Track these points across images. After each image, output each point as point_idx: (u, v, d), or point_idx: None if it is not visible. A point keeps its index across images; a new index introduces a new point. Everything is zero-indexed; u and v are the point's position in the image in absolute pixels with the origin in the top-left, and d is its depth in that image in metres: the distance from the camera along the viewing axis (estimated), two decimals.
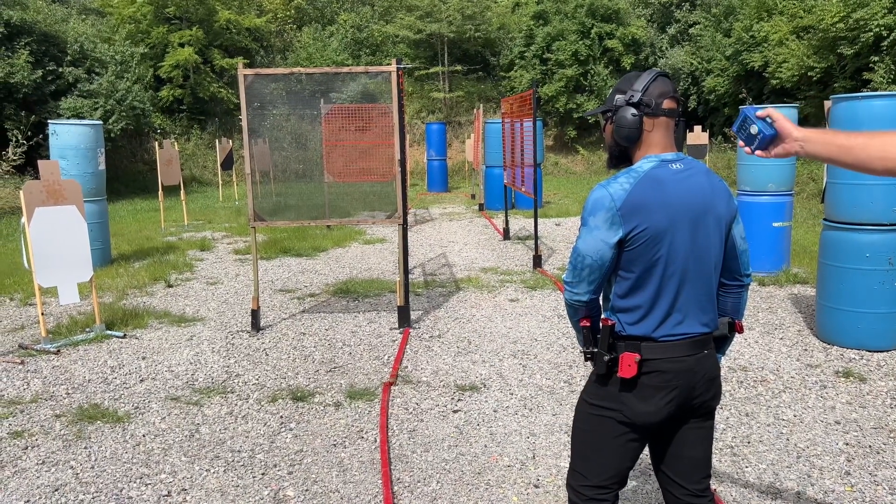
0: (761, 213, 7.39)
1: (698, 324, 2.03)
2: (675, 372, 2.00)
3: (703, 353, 2.04)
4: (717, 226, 2.02)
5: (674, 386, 2.00)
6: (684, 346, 2.01)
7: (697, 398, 2.05)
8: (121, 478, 3.41)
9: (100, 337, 5.65)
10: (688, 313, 2.01)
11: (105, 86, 17.47)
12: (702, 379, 2.04)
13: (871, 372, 4.63)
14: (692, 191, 1.98)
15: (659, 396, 2.00)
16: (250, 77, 5.71)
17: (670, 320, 2.00)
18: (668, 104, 1.99)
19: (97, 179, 8.34)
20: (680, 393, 2.01)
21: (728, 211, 2.05)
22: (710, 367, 2.06)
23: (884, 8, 13.28)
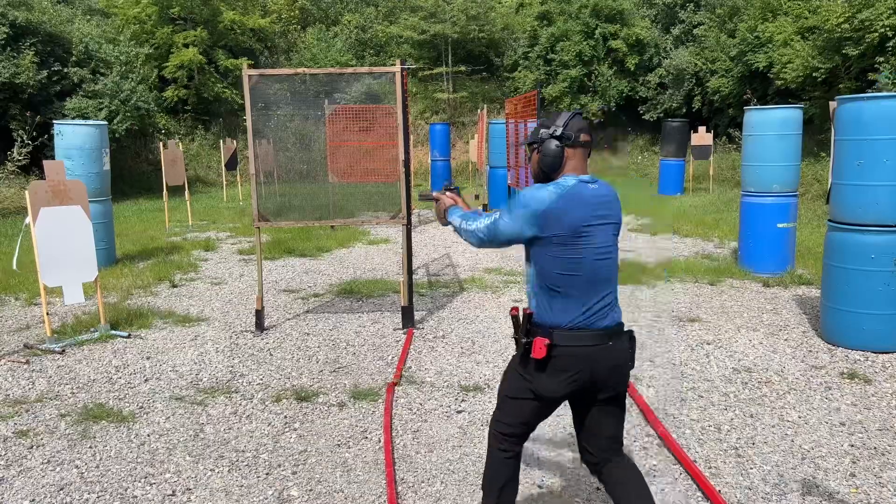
0: (766, 214, 7.39)
1: (604, 318, 2.39)
2: (578, 357, 2.35)
3: (607, 344, 2.38)
4: (616, 234, 2.47)
5: (577, 369, 2.36)
6: (589, 337, 2.36)
7: (600, 382, 2.41)
8: (125, 477, 3.42)
9: (104, 337, 5.66)
10: (596, 308, 2.38)
11: (110, 86, 17.51)
12: (604, 367, 2.38)
13: (876, 373, 4.62)
14: (602, 205, 2.40)
15: (564, 376, 2.37)
16: (255, 77, 5.72)
17: (580, 313, 2.36)
18: (584, 137, 2.45)
19: (102, 180, 8.36)
20: (581, 376, 2.37)
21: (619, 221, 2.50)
22: (615, 357, 2.39)
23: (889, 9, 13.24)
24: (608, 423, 2.53)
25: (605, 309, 2.40)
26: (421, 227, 11.98)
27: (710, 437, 3.74)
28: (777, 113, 7.46)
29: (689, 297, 6.69)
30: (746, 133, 7.60)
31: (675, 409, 4.12)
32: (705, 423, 3.92)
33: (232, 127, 22.84)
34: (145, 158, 20.49)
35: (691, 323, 5.85)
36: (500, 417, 2.60)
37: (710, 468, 3.39)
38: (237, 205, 15.72)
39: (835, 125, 5.25)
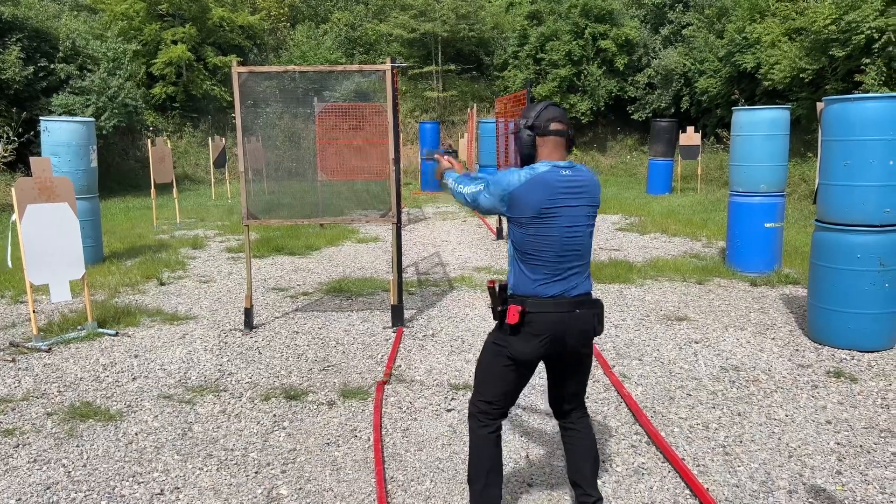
0: (753, 213, 7.43)
1: (573, 289, 2.66)
2: (548, 323, 2.60)
3: (574, 312, 2.64)
4: (587, 214, 2.69)
5: (547, 333, 2.61)
6: (558, 305, 2.62)
7: (569, 346, 2.67)
8: (113, 476, 3.39)
9: (92, 335, 5.62)
10: (563, 279, 2.64)
11: (97, 83, 17.36)
12: (572, 332, 2.64)
13: (861, 372, 4.66)
14: (570, 189, 2.63)
15: (535, 341, 2.61)
16: (244, 75, 5.69)
17: (550, 283, 2.62)
18: (555, 126, 2.67)
19: (89, 177, 8.30)
20: (551, 340, 2.62)
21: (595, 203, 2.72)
22: (581, 323, 2.66)
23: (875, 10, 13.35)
24: (572, 382, 2.83)
25: (572, 280, 2.67)
26: (411, 226, 11.98)
27: (698, 435, 3.76)
28: (765, 113, 7.51)
29: (677, 297, 6.73)
30: (734, 133, 7.65)
31: (664, 407, 4.14)
32: (693, 421, 3.94)
33: (221, 124, 22.73)
34: (133, 156, 20.35)
35: (679, 322, 5.88)
36: (480, 395, 2.79)
37: (698, 466, 3.41)
38: (225, 202, 15.65)
39: (822, 126, 5.29)
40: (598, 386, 4.46)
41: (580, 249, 2.69)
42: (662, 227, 10.94)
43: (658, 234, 10.50)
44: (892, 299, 5.02)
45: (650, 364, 4.87)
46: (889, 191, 4.88)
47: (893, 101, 4.92)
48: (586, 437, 2.86)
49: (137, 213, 13.97)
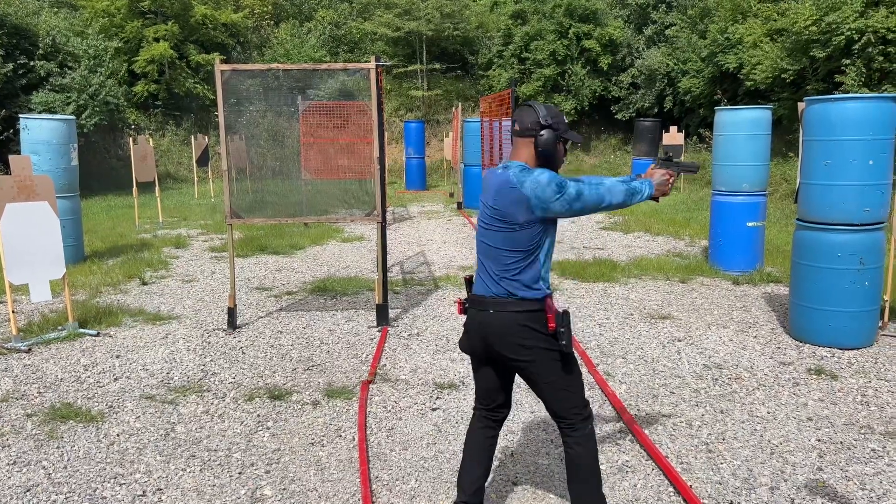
0: (736, 212, 7.49)
1: (483, 287, 2.65)
2: (470, 319, 2.71)
3: (488, 311, 2.61)
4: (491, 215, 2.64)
5: (469, 328, 2.70)
6: (477, 302, 2.67)
7: (494, 346, 2.63)
8: (94, 478, 3.36)
9: (72, 335, 5.56)
10: (485, 278, 2.66)
11: (78, 80, 17.17)
12: (492, 332, 2.61)
13: (842, 369, 4.72)
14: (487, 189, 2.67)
15: (465, 335, 2.74)
16: (227, 73, 5.65)
17: (479, 281, 2.69)
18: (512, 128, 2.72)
19: (70, 175, 8.21)
20: (473, 336, 2.68)
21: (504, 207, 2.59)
22: (499, 325, 2.58)
23: (855, 12, 13.50)
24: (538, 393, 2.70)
25: (489, 280, 2.64)
26: (395, 225, 11.96)
27: (681, 432, 3.79)
28: (747, 113, 7.57)
29: (660, 295, 6.77)
30: (717, 133, 7.71)
31: (648, 405, 4.16)
32: (677, 419, 3.96)
33: (203, 123, 22.55)
34: (115, 154, 20.15)
35: (663, 320, 5.92)
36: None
37: (681, 464, 3.44)
38: (209, 201, 15.54)
39: (803, 126, 5.34)
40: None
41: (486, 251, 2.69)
42: (646, 226, 11.00)
43: (642, 233, 10.56)
44: (871, 297, 5.08)
45: (634, 362, 4.89)
46: (869, 190, 4.94)
47: (873, 102, 4.98)
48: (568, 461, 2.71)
49: (119, 212, 13.83)
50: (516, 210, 2.56)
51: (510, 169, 2.62)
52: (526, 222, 2.56)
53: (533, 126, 2.61)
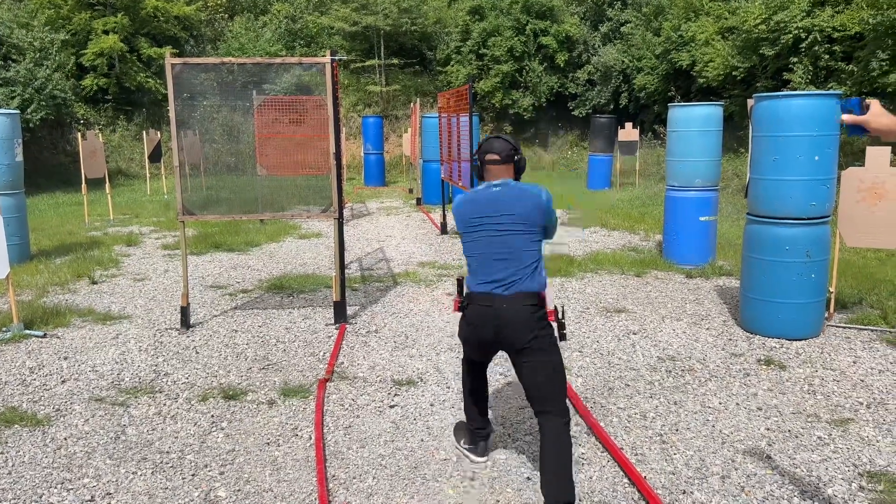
0: (688, 207, 7.63)
1: (506, 290, 2.98)
2: (477, 314, 3.06)
3: (502, 307, 2.97)
4: (511, 223, 3.03)
5: (476, 322, 3.07)
6: (486, 300, 3.01)
7: (501, 337, 3.00)
8: (40, 483, 3.26)
9: (17, 337, 5.38)
10: (494, 280, 3.01)
11: (23, 73, 16.61)
12: (502, 325, 2.98)
13: (790, 359, 4.85)
14: (492, 203, 3.09)
15: (468, 327, 3.13)
16: (178, 67, 5.53)
17: (482, 283, 3.04)
18: (488, 158, 3.19)
19: (14, 171, 7.94)
20: (479, 328, 3.07)
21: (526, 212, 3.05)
22: (509, 318, 2.96)
23: (802, 11, 13.87)
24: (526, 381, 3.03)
25: (502, 281, 3.00)
26: (354, 221, 11.88)
27: (636, 424, 3.84)
28: (699, 110, 7.71)
29: (616, 289, 6.86)
30: (670, 129, 7.83)
31: (603, 398, 4.21)
32: (632, 410, 4.02)
33: (156, 118, 22.04)
34: (62, 150, 19.56)
35: (618, 314, 6.00)
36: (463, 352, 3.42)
37: (636, 455, 3.49)
38: (161, 198, 15.21)
39: (752, 122, 5.46)
40: None
41: (506, 255, 3.03)
42: (602, 221, 11.13)
43: (598, 228, 10.69)
44: (818, 289, 5.23)
45: (590, 356, 4.95)
46: (815, 185, 5.08)
47: (818, 99, 5.12)
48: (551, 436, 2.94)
49: (68, 209, 13.45)
50: (537, 215, 3.06)
51: (513, 185, 3.15)
52: (542, 226, 3.10)
53: (511, 153, 3.20)
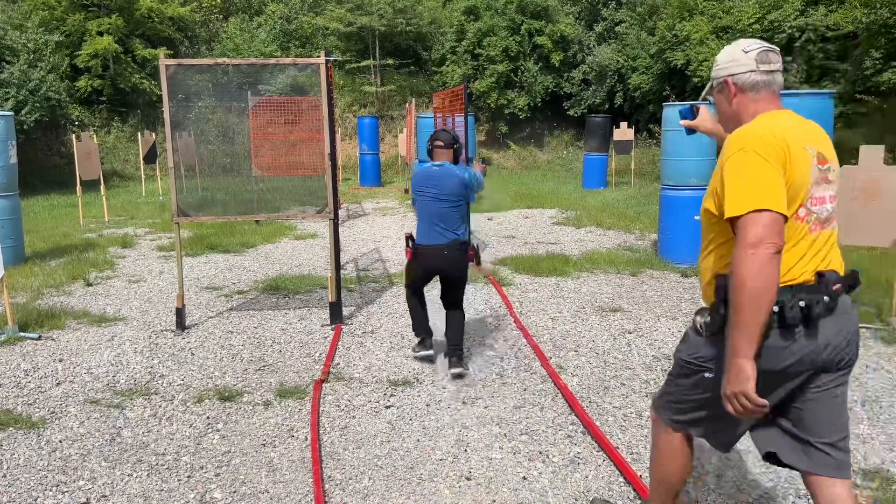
0: (683, 206, 7.65)
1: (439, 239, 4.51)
2: (423, 257, 4.57)
3: (442, 253, 4.50)
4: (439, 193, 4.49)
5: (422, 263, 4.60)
6: (428, 248, 4.53)
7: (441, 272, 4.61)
8: (35, 486, 3.25)
9: (12, 339, 5.36)
10: (433, 233, 4.51)
11: (17, 75, 16.59)
12: (443, 263, 4.54)
13: None
14: (431, 178, 4.54)
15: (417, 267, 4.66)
16: (172, 68, 5.52)
17: (425, 235, 4.54)
18: (436, 144, 4.62)
19: (8, 173, 7.93)
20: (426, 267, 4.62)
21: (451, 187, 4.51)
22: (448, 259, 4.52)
23: (796, 10, 13.93)
24: (451, 290, 4.70)
25: (438, 233, 4.51)
26: (350, 222, 11.87)
27: (631, 423, 3.85)
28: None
29: (611, 288, 6.87)
30: (665, 129, 7.85)
31: (599, 397, 4.22)
32: (627, 410, 4.03)
33: (151, 119, 22.02)
34: (57, 151, 19.53)
35: (614, 313, 6.01)
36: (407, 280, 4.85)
37: (631, 454, 3.49)
38: (156, 199, 15.18)
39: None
40: (535, 378, 4.52)
41: (439, 216, 4.51)
42: (597, 220, 11.15)
43: (593, 227, 10.71)
44: None
45: (586, 355, 4.96)
46: None
47: (812, 98, 5.14)
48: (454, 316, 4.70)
49: (63, 211, 13.42)
50: (460, 189, 4.54)
51: (446, 166, 4.59)
52: (464, 194, 4.58)
53: (451, 142, 4.64)
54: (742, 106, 2.26)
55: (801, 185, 2.08)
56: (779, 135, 2.08)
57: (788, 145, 2.07)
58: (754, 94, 2.24)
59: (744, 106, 2.26)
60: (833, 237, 2.19)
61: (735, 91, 2.26)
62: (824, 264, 2.14)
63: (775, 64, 2.23)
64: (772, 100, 2.24)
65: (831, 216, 2.18)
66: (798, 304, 2.05)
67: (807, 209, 2.11)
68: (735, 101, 2.27)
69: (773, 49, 2.24)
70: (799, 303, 2.05)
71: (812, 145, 2.14)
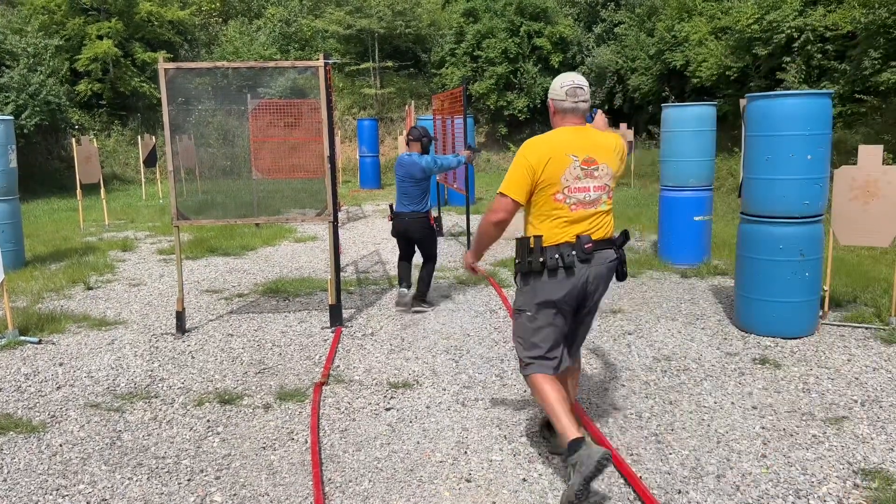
0: (683, 207, 7.65)
1: (404, 208, 6.10)
2: (397, 221, 6.16)
3: (405, 219, 6.09)
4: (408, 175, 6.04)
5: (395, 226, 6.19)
6: (399, 215, 6.13)
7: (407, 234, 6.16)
8: (35, 490, 3.25)
9: (12, 343, 5.37)
10: (401, 204, 6.12)
11: (17, 79, 16.60)
12: (410, 228, 6.11)
13: (784, 358, 4.86)
14: (402, 165, 6.11)
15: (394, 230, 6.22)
16: (171, 71, 5.53)
17: (399, 207, 6.13)
18: (409, 137, 6.19)
19: (8, 178, 7.94)
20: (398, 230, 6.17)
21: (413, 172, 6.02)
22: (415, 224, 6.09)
23: (794, 10, 13.92)
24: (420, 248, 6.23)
25: (404, 205, 6.07)
26: (350, 224, 11.87)
27: (631, 424, 3.85)
28: (693, 110, 7.73)
29: (611, 289, 6.85)
30: (664, 130, 7.85)
31: (599, 398, 4.22)
32: (627, 411, 4.03)
33: (151, 122, 22.03)
34: (57, 155, 19.53)
35: (614, 314, 6.01)
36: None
37: (631, 455, 3.49)
38: (157, 203, 15.19)
39: (745, 121, 5.48)
40: None
41: (405, 193, 6.08)
42: None
43: None
44: (812, 287, 5.24)
45: (586, 356, 4.95)
46: (808, 184, 5.10)
47: (811, 98, 5.14)
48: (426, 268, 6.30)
49: (63, 215, 13.43)
50: (419, 173, 6.00)
51: (414, 156, 6.05)
52: (423, 178, 6.03)
53: (419, 136, 6.09)
54: (554, 120, 3.29)
55: (556, 179, 3.09)
56: (550, 144, 3.14)
57: (553, 152, 3.11)
58: (562, 114, 3.23)
59: (554, 120, 3.29)
60: (599, 213, 3.19)
61: (554, 110, 3.27)
62: (587, 231, 3.15)
63: (581, 97, 3.18)
64: (573, 120, 3.21)
65: (596, 200, 3.17)
66: (555, 257, 3.10)
67: (564, 194, 3.11)
68: (552, 115, 3.29)
69: (580, 86, 3.18)
70: (555, 255, 3.10)
71: (580, 153, 3.12)
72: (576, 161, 3.10)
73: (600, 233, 3.20)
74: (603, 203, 3.20)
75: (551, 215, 3.13)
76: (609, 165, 3.20)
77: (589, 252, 3.11)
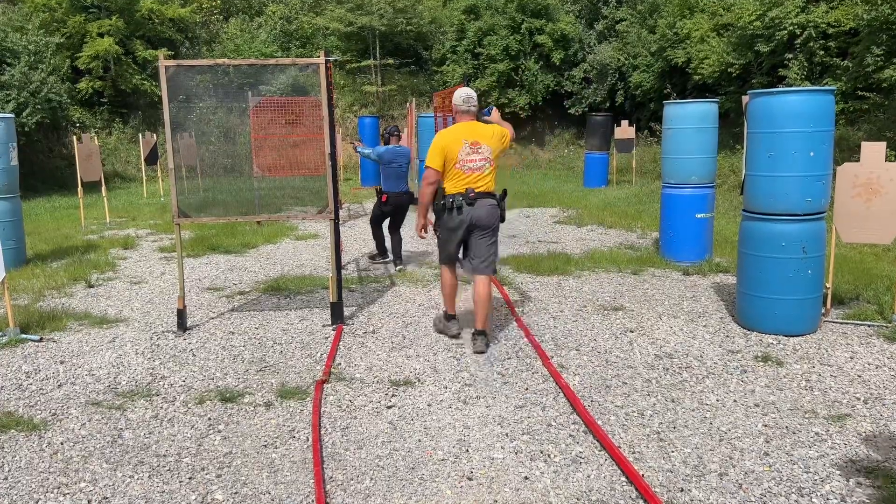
0: (685, 204, 7.64)
1: (398, 188, 7.89)
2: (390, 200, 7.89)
3: (401, 197, 7.92)
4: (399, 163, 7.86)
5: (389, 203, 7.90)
6: (392, 195, 7.86)
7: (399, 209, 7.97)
8: (36, 488, 3.25)
9: (13, 341, 5.37)
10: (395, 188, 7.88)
11: (18, 77, 16.59)
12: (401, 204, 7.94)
13: (787, 356, 4.85)
14: (397, 155, 7.88)
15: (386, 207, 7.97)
16: (172, 69, 5.52)
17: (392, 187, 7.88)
18: (391, 137, 8.08)
19: (9, 175, 7.93)
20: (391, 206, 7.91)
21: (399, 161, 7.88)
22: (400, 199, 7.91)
23: (797, 7, 13.89)
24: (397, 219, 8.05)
25: (397, 184, 7.85)
26: (351, 222, 11.87)
27: (633, 422, 3.84)
28: (694, 107, 7.71)
29: (613, 287, 6.86)
30: (665, 127, 7.83)
31: (601, 396, 4.21)
32: (629, 409, 4.02)
33: (152, 120, 22.02)
34: (58, 153, 19.53)
35: (615, 311, 6.00)
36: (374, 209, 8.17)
37: (633, 453, 3.48)
38: (158, 200, 15.18)
39: (747, 118, 5.46)
40: (537, 377, 4.51)
41: (399, 176, 7.80)
42: (599, 219, 11.14)
43: (595, 226, 10.70)
44: (814, 285, 5.23)
45: (587, 354, 4.95)
46: (810, 181, 5.08)
47: (812, 95, 5.12)
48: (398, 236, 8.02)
49: (64, 212, 13.43)
50: (404, 162, 7.84)
51: (402, 147, 7.93)
52: (407, 165, 7.85)
53: (399, 133, 8.04)
54: (455, 118, 5.13)
55: (454, 156, 4.91)
56: (452, 133, 5.02)
57: (453, 138, 4.96)
58: (461, 115, 5.07)
59: (456, 118, 5.12)
60: (483, 175, 4.96)
61: (455, 111, 5.10)
62: (474, 185, 4.93)
63: (471, 104, 5.05)
64: (466, 118, 5.06)
65: (481, 167, 4.94)
66: (452, 201, 4.94)
67: (460, 165, 4.91)
68: (454, 115, 5.14)
69: (471, 97, 5.05)
70: (452, 200, 4.94)
71: (469, 138, 4.94)
72: (466, 143, 4.91)
73: (482, 188, 4.96)
74: (486, 170, 4.97)
75: (453, 178, 4.96)
76: (489, 146, 4.98)
77: (473, 199, 4.91)
